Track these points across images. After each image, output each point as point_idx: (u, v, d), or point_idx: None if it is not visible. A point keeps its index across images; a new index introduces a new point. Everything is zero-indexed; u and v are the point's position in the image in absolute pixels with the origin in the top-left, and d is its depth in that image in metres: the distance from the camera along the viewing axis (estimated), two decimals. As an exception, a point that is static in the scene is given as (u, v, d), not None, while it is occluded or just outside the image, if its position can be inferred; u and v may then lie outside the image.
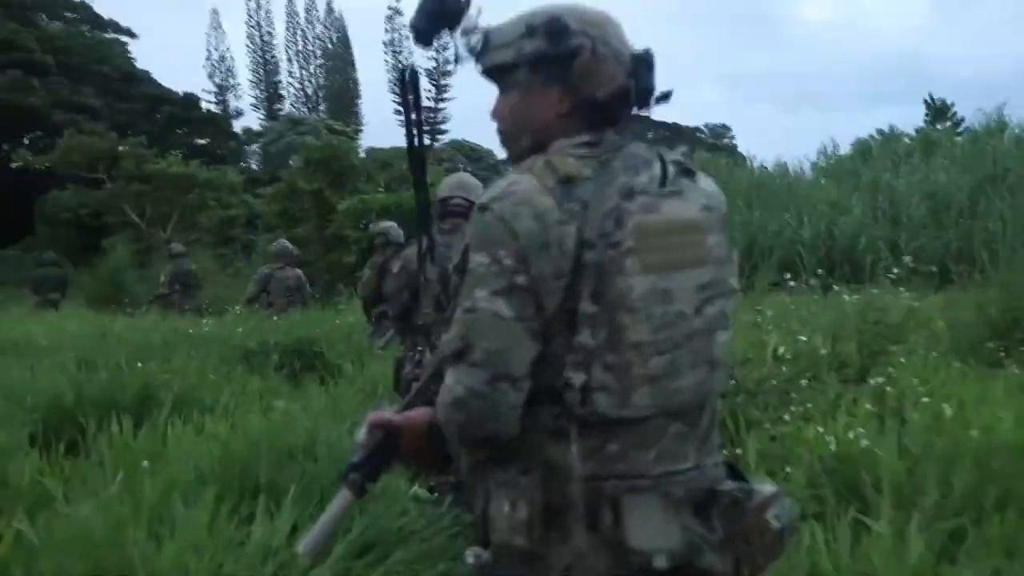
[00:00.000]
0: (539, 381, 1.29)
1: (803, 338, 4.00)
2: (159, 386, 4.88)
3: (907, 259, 6.34)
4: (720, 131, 50.88)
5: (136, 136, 24.89)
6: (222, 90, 53.40)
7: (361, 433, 1.43)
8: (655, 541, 1.28)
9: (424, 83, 54.34)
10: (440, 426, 1.34)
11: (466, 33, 1.44)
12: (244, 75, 55.13)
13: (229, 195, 24.22)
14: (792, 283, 6.14)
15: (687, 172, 1.40)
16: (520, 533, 1.30)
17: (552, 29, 1.37)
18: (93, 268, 19.36)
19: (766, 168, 18.64)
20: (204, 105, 36.88)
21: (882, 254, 12.87)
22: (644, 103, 1.43)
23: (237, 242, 22.66)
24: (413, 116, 1.58)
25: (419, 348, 4.01)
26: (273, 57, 56.83)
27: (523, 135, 1.44)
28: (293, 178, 16.05)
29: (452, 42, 1.45)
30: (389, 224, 7.53)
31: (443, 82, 53.72)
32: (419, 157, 1.61)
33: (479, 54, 1.45)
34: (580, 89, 1.38)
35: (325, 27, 58.53)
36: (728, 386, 1.57)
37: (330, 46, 57.88)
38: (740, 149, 29.93)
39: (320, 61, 58.16)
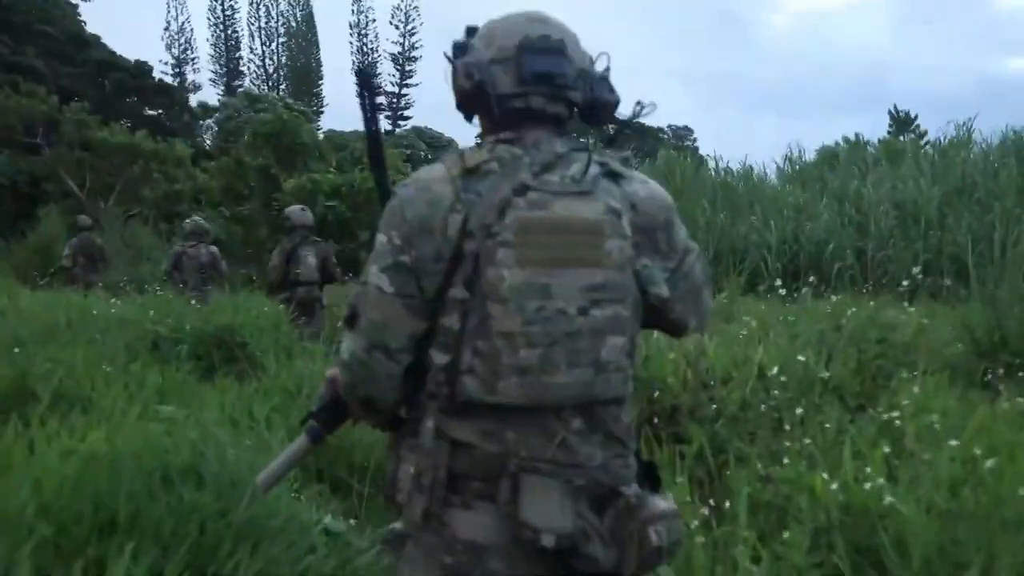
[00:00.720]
0: (424, 359, 1.36)
1: (800, 358, 3.41)
2: (39, 378, 4.14)
3: (916, 271, 5.77)
4: (683, 133, 50.78)
5: (81, 102, 23.57)
6: (180, 63, 51.77)
7: (321, 386, 1.59)
8: (546, 520, 1.31)
9: (389, 68, 53.66)
10: None
11: None
12: (204, 49, 53.43)
13: (175, 168, 23.08)
14: (769, 288, 5.57)
15: (612, 174, 1.41)
16: (423, 494, 1.34)
17: (453, 49, 1.46)
18: (23, 239, 18.23)
19: (731, 170, 18.09)
20: (157, 75, 35.31)
21: (849, 261, 12.52)
22: (557, 92, 1.41)
23: (180, 218, 21.58)
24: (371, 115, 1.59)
25: None
26: (235, 32, 55.36)
27: None
28: (240, 153, 15.12)
29: None
30: (294, 208, 7.51)
31: (408, 68, 53.02)
32: (379, 155, 1.59)
33: None
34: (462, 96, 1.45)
35: (290, 4, 57.13)
36: (629, 391, 1.44)
37: (294, 24, 56.42)
38: (702, 151, 29.55)
39: (283, 39, 56.74)
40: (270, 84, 54.15)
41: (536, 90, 1.39)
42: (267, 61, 56.70)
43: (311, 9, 57.29)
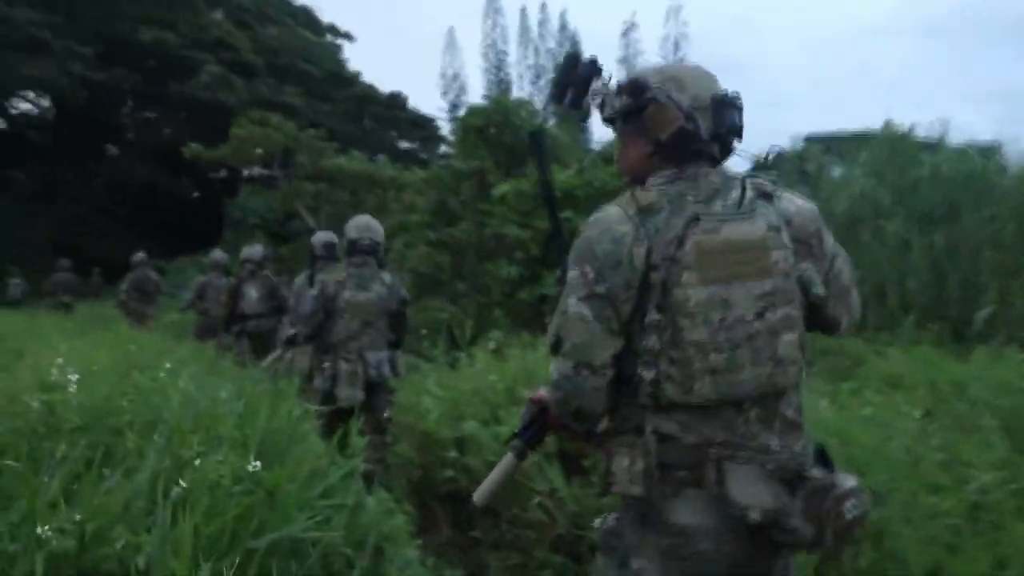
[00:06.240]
0: (623, 371, 1.66)
1: None
2: None
3: None
4: (989, 152, 41.55)
5: (319, 129, 21.86)
6: (454, 107, 51.86)
7: (524, 408, 1.91)
8: (751, 499, 1.59)
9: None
10: None
11: (594, 95, 1.83)
12: (476, 93, 53.36)
13: (415, 196, 20.47)
14: None
15: (765, 195, 1.72)
16: (637, 483, 1.64)
17: (632, 88, 1.75)
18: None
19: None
20: (412, 106, 33.94)
21: None
22: (731, 139, 1.75)
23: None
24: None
25: (327, 364, 4.48)
26: (506, 75, 54.80)
27: (626, 173, 1.82)
28: (450, 160, 11.57)
29: (585, 102, 1.83)
30: (252, 248, 7.67)
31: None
32: (551, 204, 1.96)
33: (600, 109, 1.82)
34: (652, 134, 1.72)
35: (558, 43, 55.86)
36: (802, 380, 1.69)
37: (561, 61, 54.78)
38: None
39: (550, 76, 55.43)
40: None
41: (727, 139, 1.73)
42: (535, 99, 55.55)
43: (579, 47, 55.48)
